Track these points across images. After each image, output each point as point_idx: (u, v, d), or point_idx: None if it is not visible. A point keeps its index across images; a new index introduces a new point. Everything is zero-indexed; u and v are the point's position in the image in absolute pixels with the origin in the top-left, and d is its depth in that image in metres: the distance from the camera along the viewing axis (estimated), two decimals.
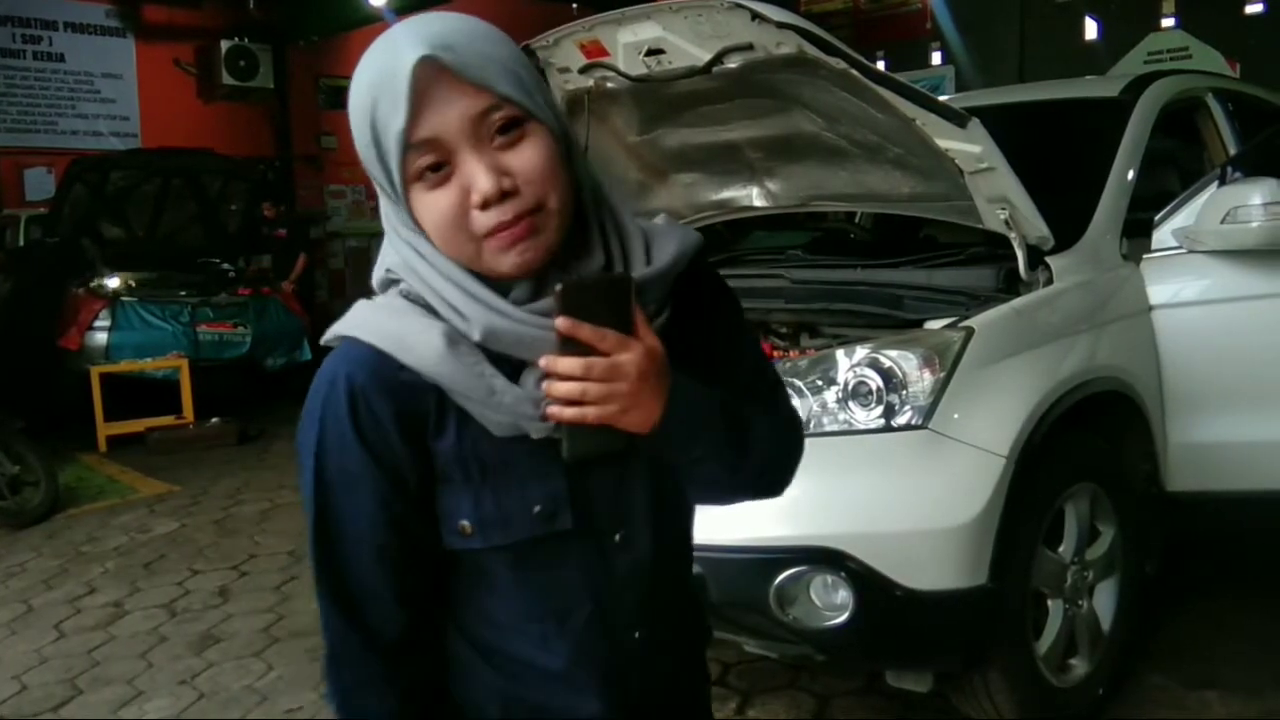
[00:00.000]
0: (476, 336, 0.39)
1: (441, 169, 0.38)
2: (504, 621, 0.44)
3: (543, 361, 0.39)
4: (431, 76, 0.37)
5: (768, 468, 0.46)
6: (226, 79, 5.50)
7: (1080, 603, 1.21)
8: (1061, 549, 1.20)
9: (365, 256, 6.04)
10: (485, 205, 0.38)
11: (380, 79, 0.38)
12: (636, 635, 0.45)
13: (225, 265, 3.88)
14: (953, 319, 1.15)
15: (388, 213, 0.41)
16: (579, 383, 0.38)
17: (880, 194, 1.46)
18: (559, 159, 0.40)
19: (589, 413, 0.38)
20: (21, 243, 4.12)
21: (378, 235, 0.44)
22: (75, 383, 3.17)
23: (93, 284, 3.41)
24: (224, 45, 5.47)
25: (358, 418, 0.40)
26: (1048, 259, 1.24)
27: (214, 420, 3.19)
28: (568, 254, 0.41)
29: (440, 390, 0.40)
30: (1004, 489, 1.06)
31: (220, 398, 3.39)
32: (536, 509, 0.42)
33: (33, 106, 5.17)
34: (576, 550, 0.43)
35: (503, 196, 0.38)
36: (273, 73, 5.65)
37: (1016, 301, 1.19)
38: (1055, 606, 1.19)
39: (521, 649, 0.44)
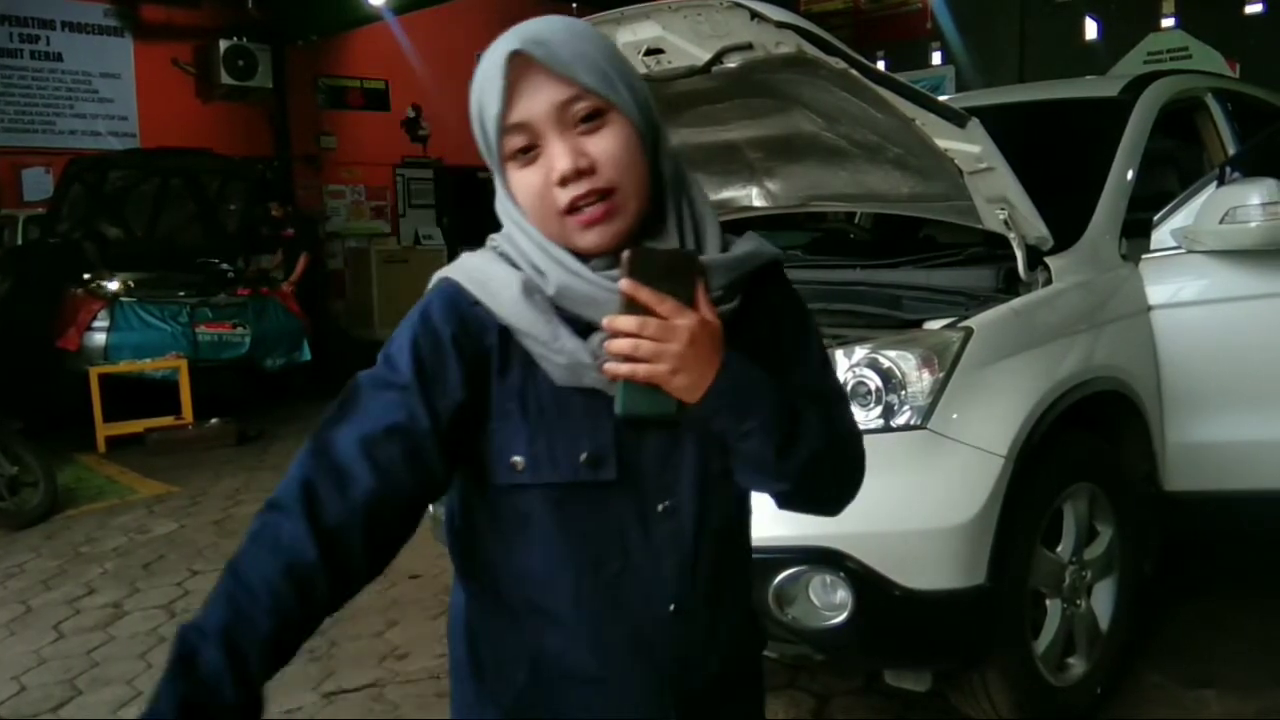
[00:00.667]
0: (551, 290, 0.44)
1: (531, 151, 0.44)
2: (539, 570, 0.46)
3: (605, 320, 0.43)
4: (523, 69, 0.43)
5: (819, 470, 0.47)
6: (225, 78, 5.48)
7: (1078, 602, 1.22)
8: (1060, 549, 1.20)
9: (364, 257, 6.04)
10: (564, 182, 0.43)
11: (484, 72, 0.45)
12: (670, 608, 0.46)
13: (224, 265, 3.88)
14: (952, 319, 1.15)
15: (498, 192, 0.47)
16: (633, 339, 0.42)
17: (880, 194, 1.46)
18: (637, 148, 0.45)
19: (640, 369, 0.42)
20: (20, 243, 4.12)
21: (377, 235, 0.46)
22: (74, 383, 3.17)
23: (91, 284, 3.41)
24: (223, 45, 5.45)
25: (419, 335, 0.45)
26: (1047, 259, 1.24)
27: (213, 421, 3.19)
28: (644, 236, 0.46)
29: (506, 334, 0.45)
30: (1002, 489, 1.06)
31: (219, 398, 3.39)
32: (583, 456, 0.45)
33: (30, 106, 5.16)
34: (618, 508, 0.46)
35: (579, 175, 0.43)
36: (271, 72, 5.63)
37: (1015, 302, 1.19)
38: (1054, 606, 1.19)
39: (554, 602, 0.46)
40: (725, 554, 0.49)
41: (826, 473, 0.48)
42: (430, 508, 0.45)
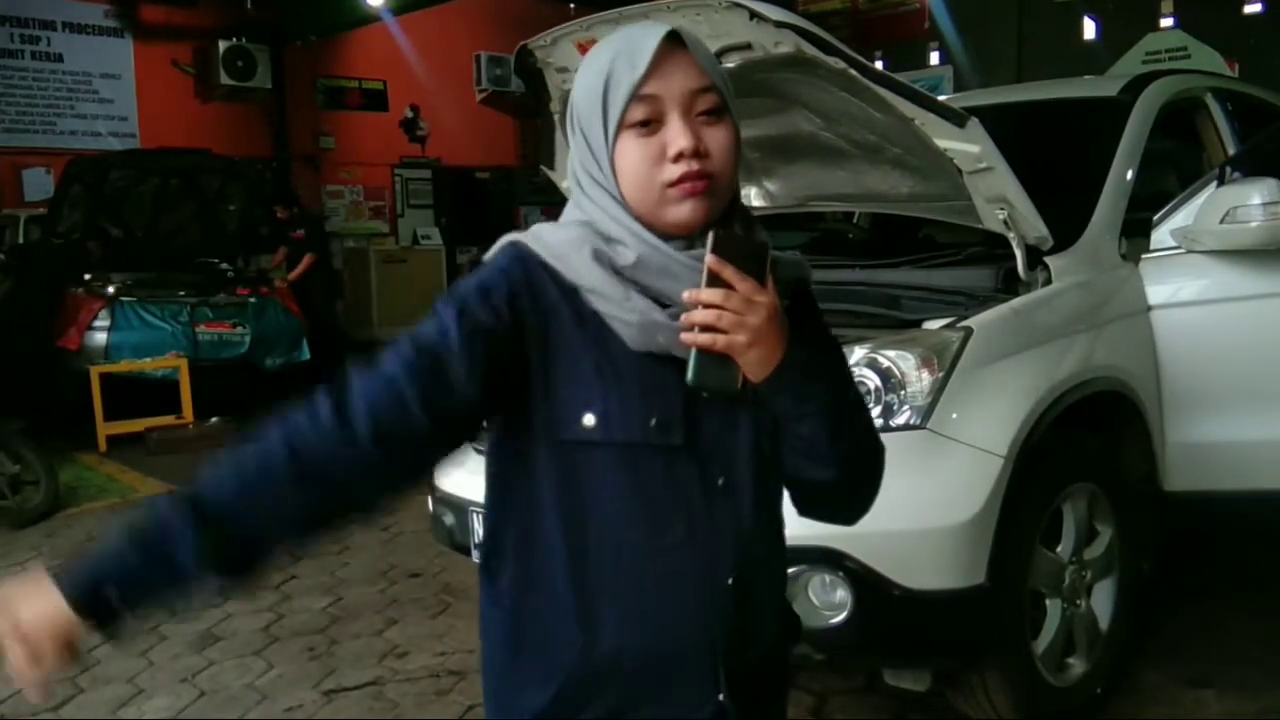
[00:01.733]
0: (631, 259, 0.47)
1: (649, 125, 0.47)
2: (606, 530, 0.48)
3: (687, 294, 0.46)
4: (670, 50, 0.47)
5: (860, 464, 0.50)
6: (224, 79, 5.48)
7: (1078, 602, 1.22)
8: (1059, 549, 1.20)
9: (363, 257, 6.05)
10: (679, 157, 0.47)
11: (625, 47, 0.48)
12: (730, 581, 0.48)
13: (224, 265, 3.88)
14: (951, 319, 1.15)
15: (579, 169, 0.50)
16: (715, 310, 0.45)
17: (879, 194, 1.46)
18: (737, 152, 0.49)
19: (719, 339, 0.45)
20: (20, 242, 4.13)
21: (375, 235, 0.47)
22: (75, 382, 3.17)
23: (92, 284, 3.41)
24: (222, 45, 5.45)
25: (475, 294, 0.48)
26: (1046, 259, 1.24)
27: (213, 420, 3.19)
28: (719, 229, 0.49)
29: (575, 296, 0.47)
30: (1002, 489, 1.06)
31: (219, 397, 3.39)
32: (653, 420, 0.47)
33: (31, 107, 5.16)
34: (683, 477, 0.48)
35: (695, 154, 0.47)
36: (270, 73, 5.63)
37: (1015, 301, 1.19)
38: (1053, 606, 1.19)
39: (617, 566, 0.47)
40: (773, 536, 0.52)
41: (865, 468, 0.51)
42: (431, 506, 0.45)
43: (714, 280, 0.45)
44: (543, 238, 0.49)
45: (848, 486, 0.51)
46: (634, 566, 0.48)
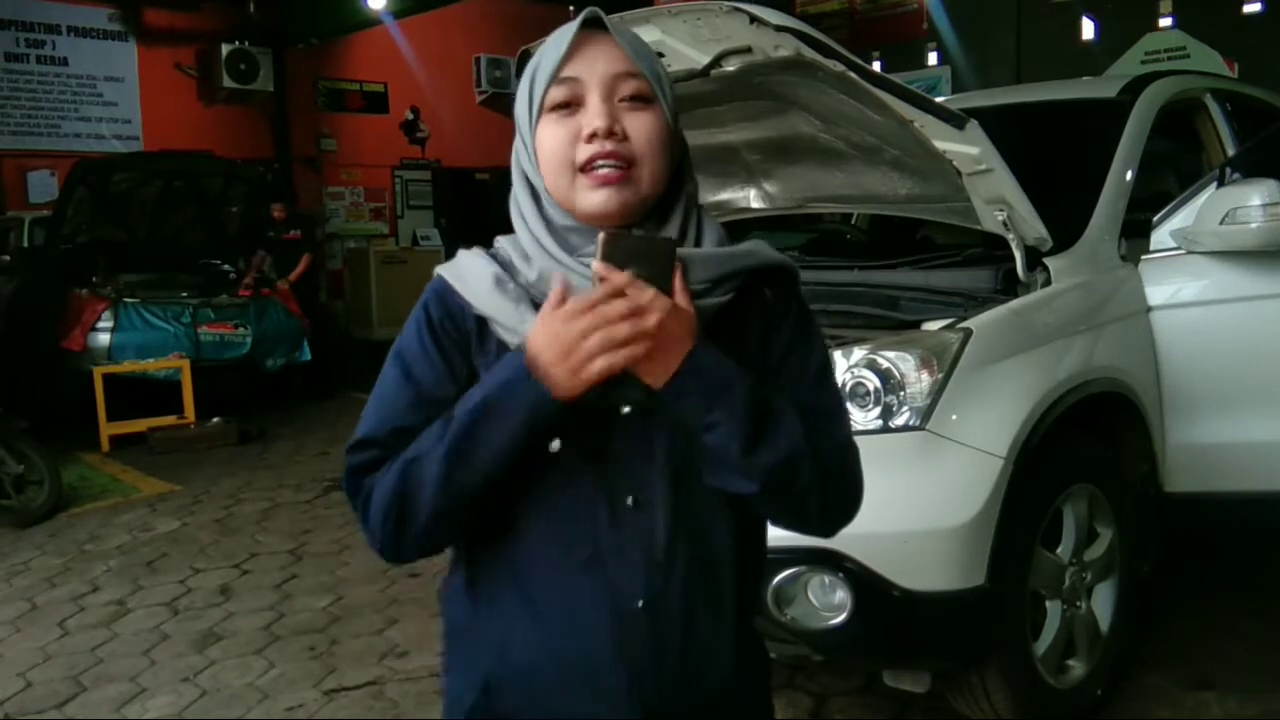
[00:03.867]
0: (533, 275, 0.47)
1: (569, 108, 0.47)
2: (521, 547, 0.47)
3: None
4: (593, 35, 0.47)
5: (794, 478, 0.45)
6: (227, 82, 5.51)
7: (1078, 604, 1.22)
8: (1060, 550, 1.20)
9: (363, 257, 6.07)
10: (592, 138, 0.46)
11: (555, 36, 0.48)
12: (639, 604, 0.46)
13: (226, 266, 3.89)
14: (950, 320, 1.15)
15: (514, 170, 0.50)
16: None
17: (878, 195, 1.46)
18: (665, 141, 0.47)
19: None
20: (25, 244, 4.13)
21: (375, 236, 0.48)
22: (78, 383, 3.18)
23: (97, 286, 3.42)
24: (224, 48, 5.48)
25: (419, 325, 0.50)
26: (1046, 260, 1.24)
27: (215, 420, 3.20)
28: (647, 226, 0.48)
29: (483, 322, 0.48)
30: (1002, 490, 1.06)
31: (221, 398, 3.41)
32: (553, 441, 0.46)
33: (36, 110, 5.19)
34: (588, 496, 0.47)
35: (609, 134, 0.45)
36: (272, 75, 5.66)
37: (1014, 303, 1.19)
38: (1053, 607, 1.19)
39: (529, 581, 0.47)
40: (709, 557, 0.48)
41: (805, 483, 0.46)
42: None
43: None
44: (456, 267, 0.50)
45: (785, 499, 0.46)
46: (546, 583, 0.47)
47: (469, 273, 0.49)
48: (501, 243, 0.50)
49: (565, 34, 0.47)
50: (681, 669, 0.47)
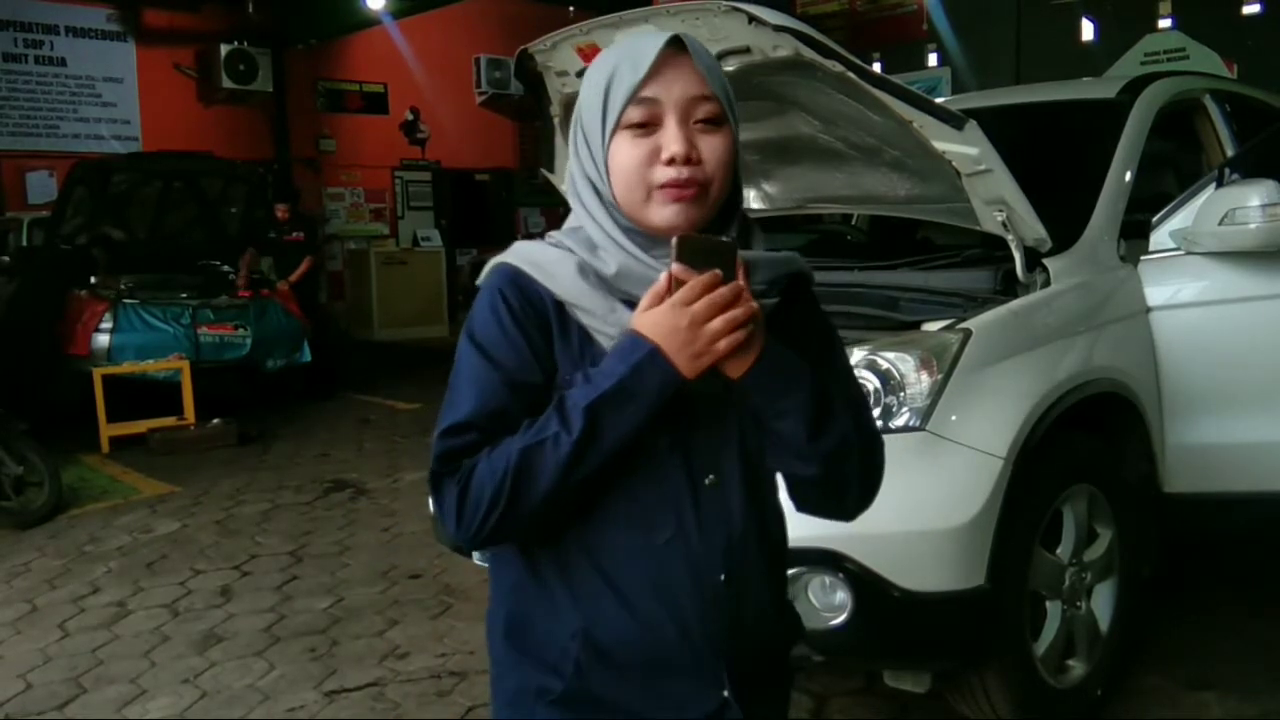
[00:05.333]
0: (611, 270, 0.49)
1: (646, 127, 0.49)
2: (603, 532, 0.49)
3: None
4: (673, 57, 0.49)
5: (846, 461, 0.51)
6: (226, 82, 5.51)
7: (1078, 604, 1.22)
8: (1059, 550, 1.20)
9: (364, 258, 6.07)
10: (671, 162, 0.48)
11: (629, 51, 0.49)
12: (721, 577, 0.50)
13: (225, 267, 3.89)
14: (950, 321, 1.15)
15: (577, 172, 0.51)
16: None
17: (877, 196, 1.46)
18: (733, 162, 0.50)
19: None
20: (24, 244, 4.14)
21: (375, 237, 0.48)
22: (78, 384, 3.19)
23: (97, 288, 3.42)
24: (223, 49, 5.48)
25: (498, 310, 0.50)
26: (1045, 261, 1.24)
27: (215, 421, 3.20)
28: (707, 233, 0.50)
29: (561, 308, 0.50)
30: (1001, 490, 1.06)
31: (221, 399, 3.41)
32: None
33: (34, 110, 5.20)
34: (671, 478, 0.50)
35: (687, 161, 0.48)
36: (272, 76, 5.66)
37: (1014, 303, 1.19)
38: (1053, 608, 1.19)
39: (613, 565, 0.49)
40: (767, 534, 0.53)
41: (853, 466, 0.51)
42: (431, 507, 0.46)
43: (680, 287, 0.46)
44: (529, 255, 0.51)
45: (835, 483, 0.51)
46: (628, 566, 0.49)
47: (548, 261, 0.50)
48: (559, 236, 0.52)
49: (645, 52, 0.48)
50: (753, 635, 0.51)
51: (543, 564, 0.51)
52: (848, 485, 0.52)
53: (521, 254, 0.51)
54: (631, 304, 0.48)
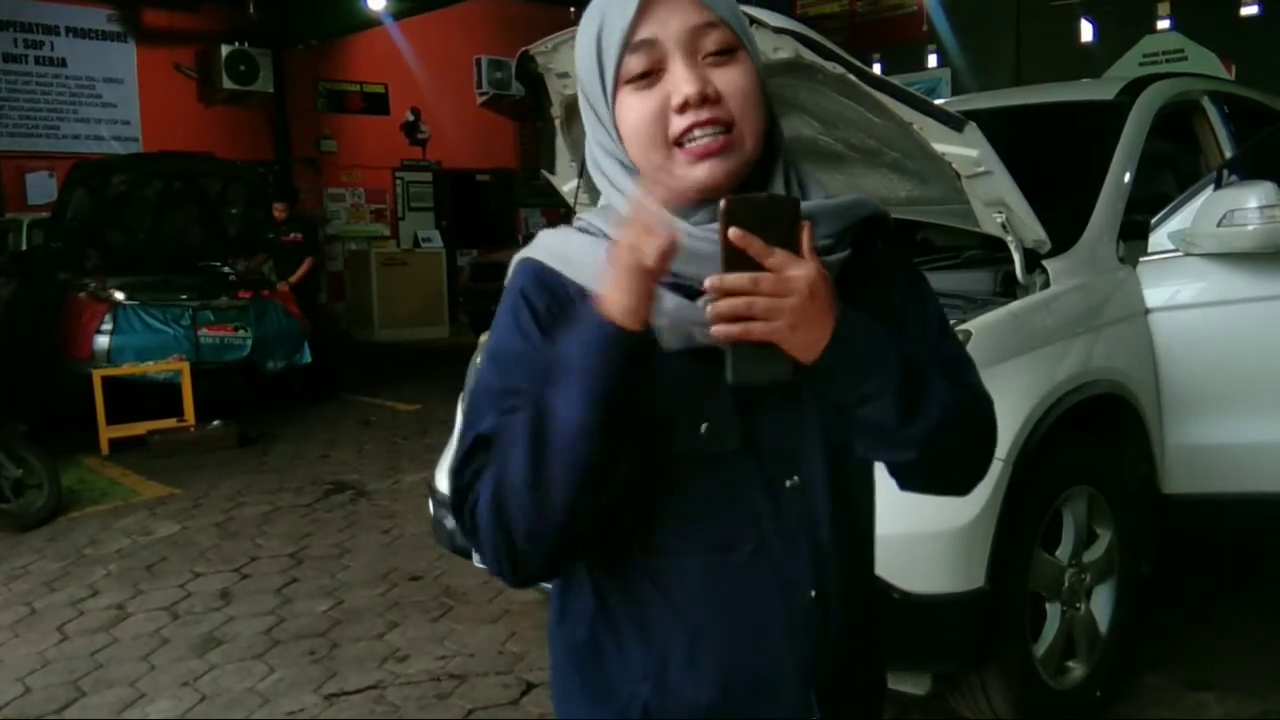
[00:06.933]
0: None
1: (651, 76, 0.41)
2: (669, 556, 0.42)
3: (708, 281, 0.38)
4: None
5: (948, 439, 0.41)
6: (226, 83, 5.51)
7: (1078, 605, 1.22)
8: (1059, 551, 1.20)
9: (364, 259, 6.07)
10: (684, 107, 0.40)
11: None
12: (812, 594, 0.43)
13: (226, 268, 3.89)
14: (949, 322, 1.16)
15: (594, 147, 0.44)
16: (746, 298, 0.37)
17: (877, 197, 1.42)
18: (760, 92, 0.41)
19: (755, 328, 0.38)
20: (24, 246, 4.13)
21: (376, 238, 0.45)
22: (77, 386, 3.18)
23: (95, 289, 3.42)
24: (224, 49, 5.48)
25: (519, 317, 0.44)
26: (1044, 262, 1.24)
27: (215, 423, 3.19)
28: (750, 188, 0.42)
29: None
30: (1001, 492, 1.06)
31: (221, 400, 3.41)
32: (704, 426, 0.41)
33: (34, 111, 5.19)
34: (744, 484, 0.42)
35: (703, 101, 0.40)
36: (272, 77, 5.66)
37: (1013, 305, 1.19)
38: (1053, 609, 1.19)
39: (684, 592, 0.42)
40: (857, 531, 0.45)
41: (956, 443, 0.42)
42: (431, 509, 0.43)
43: (736, 258, 0.37)
44: (553, 248, 0.44)
45: (940, 463, 0.43)
46: (703, 588, 0.42)
47: (575, 251, 0.43)
48: (589, 217, 0.45)
49: None
50: (845, 649, 0.44)
51: (608, 597, 0.44)
52: (954, 461, 0.43)
53: (545, 246, 0.44)
54: (678, 287, 0.39)
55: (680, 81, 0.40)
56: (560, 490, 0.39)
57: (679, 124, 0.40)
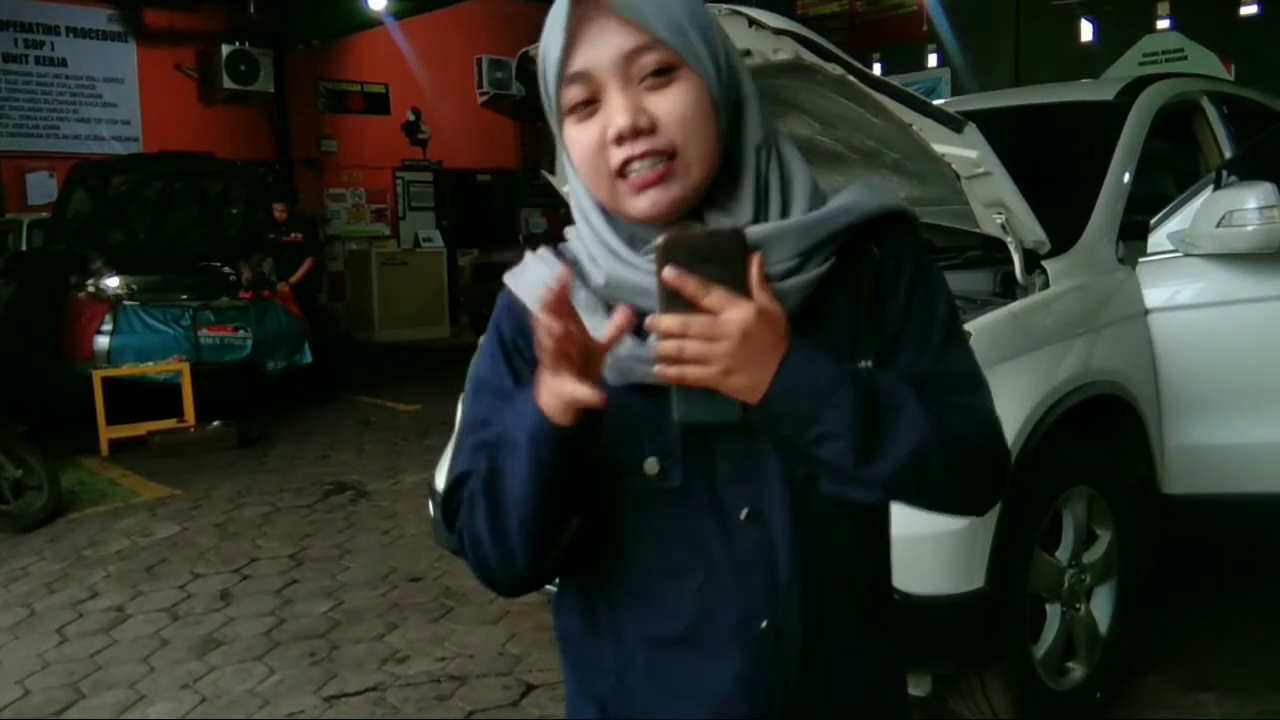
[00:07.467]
0: (600, 280, 0.41)
1: (591, 105, 0.40)
2: (629, 579, 0.43)
3: (648, 320, 0.37)
4: (589, 13, 0.39)
5: (924, 473, 0.39)
6: (227, 83, 5.51)
7: (1078, 606, 1.22)
8: (1059, 552, 1.20)
9: (365, 259, 6.08)
10: (619, 140, 0.39)
11: (551, 16, 0.40)
12: (762, 625, 0.41)
13: (226, 269, 3.89)
14: None
15: (569, 168, 0.44)
16: (678, 340, 0.36)
17: None
18: (708, 111, 0.40)
19: (687, 372, 0.37)
20: (24, 246, 4.14)
21: (377, 238, 0.46)
22: (77, 386, 3.18)
23: (95, 290, 3.42)
24: (224, 49, 5.48)
25: (491, 342, 0.45)
26: (1044, 263, 1.25)
27: (215, 423, 3.19)
28: (711, 206, 0.41)
29: None
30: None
31: (221, 401, 3.40)
32: (648, 461, 0.41)
33: (35, 111, 5.19)
34: (694, 516, 0.41)
35: (636, 134, 0.39)
36: (273, 77, 5.66)
37: (1013, 305, 1.19)
38: (1053, 610, 1.19)
39: (649, 604, 0.43)
40: (833, 557, 0.42)
41: (938, 474, 0.39)
42: (431, 510, 0.44)
43: (674, 297, 0.36)
44: (520, 275, 0.44)
45: (914, 497, 0.40)
46: (667, 615, 0.42)
47: (536, 281, 0.42)
48: (570, 235, 0.44)
49: (558, 17, 0.39)
50: (808, 686, 0.43)
51: (594, 601, 0.45)
52: (939, 489, 0.40)
53: (515, 275, 0.44)
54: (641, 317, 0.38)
55: (613, 113, 0.39)
56: (519, 541, 0.41)
57: (616, 156, 0.39)
